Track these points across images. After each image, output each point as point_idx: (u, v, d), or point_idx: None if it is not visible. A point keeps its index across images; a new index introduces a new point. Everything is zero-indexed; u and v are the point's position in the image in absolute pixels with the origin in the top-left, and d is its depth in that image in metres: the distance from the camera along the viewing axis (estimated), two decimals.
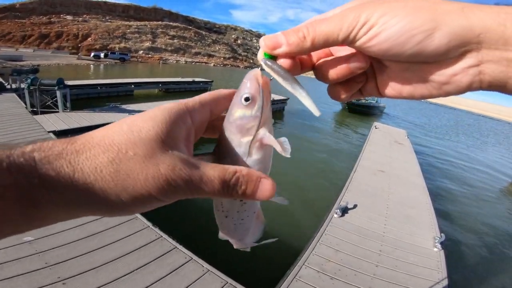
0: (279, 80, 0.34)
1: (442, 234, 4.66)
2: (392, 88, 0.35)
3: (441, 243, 4.43)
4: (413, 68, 0.32)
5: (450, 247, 5.77)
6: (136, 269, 3.02)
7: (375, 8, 0.30)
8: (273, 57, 0.34)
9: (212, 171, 0.31)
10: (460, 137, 27.55)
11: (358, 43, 0.31)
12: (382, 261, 4.00)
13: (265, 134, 0.35)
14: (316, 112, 0.34)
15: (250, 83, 0.36)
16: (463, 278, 5.45)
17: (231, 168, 0.33)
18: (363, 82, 0.37)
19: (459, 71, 0.29)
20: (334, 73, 0.35)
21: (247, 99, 0.35)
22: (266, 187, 0.34)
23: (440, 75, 0.31)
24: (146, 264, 3.10)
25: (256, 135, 0.35)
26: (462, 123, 47.18)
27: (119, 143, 0.28)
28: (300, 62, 0.37)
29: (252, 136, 0.35)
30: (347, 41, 0.31)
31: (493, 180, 13.26)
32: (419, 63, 0.31)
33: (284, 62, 0.34)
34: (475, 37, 0.27)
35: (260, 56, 0.35)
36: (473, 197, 10.29)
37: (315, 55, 0.38)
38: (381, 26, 0.29)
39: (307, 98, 0.34)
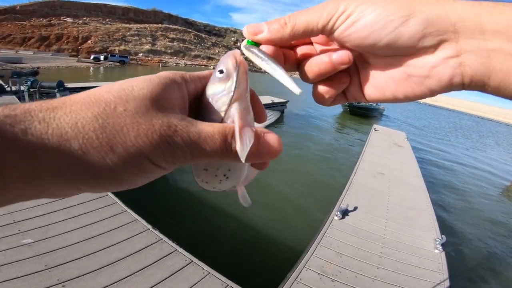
0: (257, 61, 0.34)
1: (443, 235, 4.65)
2: (375, 88, 0.35)
3: (442, 245, 4.42)
4: (393, 63, 0.32)
5: (451, 249, 5.76)
6: (136, 272, 3.00)
7: None
8: (255, 45, 0.35)
9: (211, 128, 0.29)
10: (459, 139, 27.59)
11: (336, 33, 0.31)
12: (383, 263, 3.99)
13: (236, 112, 0.33)
14: (295, 90, 0.33)
15: (226, 59, 0.35)
16: (464, 279, 5.43)
17: (229, 124, 0.30)
18: (347, 83, 0.36)
19: (439, 62, 0.29)
20: (317, 68, 0.35)
21: (221, 71, 0.34)
22: (272, 141, 0.31)
23: (420, 68, 0.30)
24: (146, 267, 3.09)
25: (228, 111, 0.33)
26: (461, 125, 47.27)
27: (107, 99, 0.25)
28: (284, 57, 0.36)
29: (224, 112, 0.33)
30: (326, 29, 0.32)
31: (493, 181, 13.27)
32: (399, 56, 0.31)
33: (265, 48, 0.34)
34: (451, 25, 0.27)
35: (243, 44, 0.35)
36: (473, 198, 10.28)
37: (300, 52, 0.38)
38: (358, 14, 0.30)
39: (285, 76, 0.33)
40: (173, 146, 0.26)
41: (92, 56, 45.89)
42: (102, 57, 45.39)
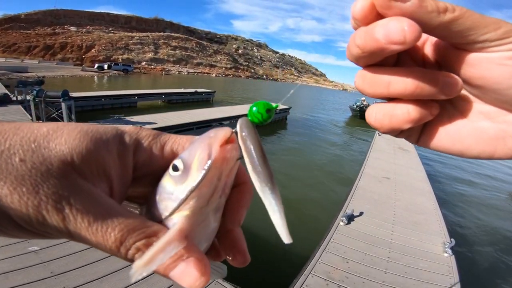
0: (249, 165, 0.24)
1: (451, 239, 4.58)
2: (449, 136, 0.28)
3: (451, 248, 4.36)
4: (497, 116, 0.26)
5: (461, 252, 5.68)
6: (141, 280, 2.97)
7: None
8: (259, 123, 0.25)
9: (117, 220, 0.21)
10: None
11: (487, 55, 0.24)
12: (391, 267, 3.94)
13: (179, 224, 0.24)
14: (286, 238, 0.23)
15: (196, 145, 0.24)
16: (476, 282, 5.34)
17: (154, 226, 0.23)
18: (433, 116, 0.27)
19: None
20: (414, 86, 0.25)
21: (175, 168, 0.24)
22: (190, 270, 0.22)
23: None
24: (150, 275, 3.04)
25: (169, 219, 0.24)
26: None
27: (15, 142, 0.20)
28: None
29: (163, 217, 0.25)
30: (479, 44, 0.24)
31: (501, 184, 13.11)
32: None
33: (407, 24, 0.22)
34: None
35: (241, 121, 0.25)
36: (482, 201, 10.17)
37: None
38: None
39: (279, 214, 0.23)
40: (46, 222, 0.20)
41: (96, 65, 46.44)
42: (106, 66, 45.95)
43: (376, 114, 0.28)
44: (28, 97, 10.25)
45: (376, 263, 4.00)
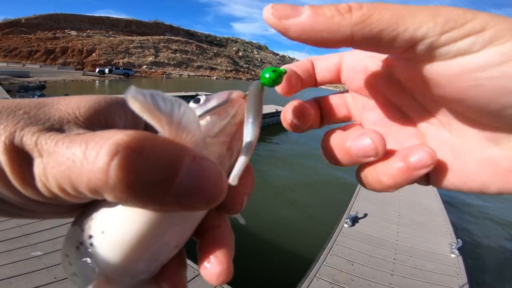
0: (246, 109, 0.24)
1: (458, 239, 4.55)
2: (457, 177, 0.23)
3: (459, 249, 4.33)
4: (504, 141, 0.21)
5: (468, 253, 5.62)
6: None
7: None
8: (270, 85, 0.27)
9: (107, 133, 0.17)
10: None
11: (449, 63, 0.18)
12: (397, 269, 3.90)
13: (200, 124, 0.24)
14: (231, 179, 0.22)
15: (218, 93, 0.27)
16: (484, 283, 5.29)
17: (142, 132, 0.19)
18: None
19: None
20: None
21: (197, 100, 0.26)
22: (209, 172, 0.18)
23: None
24: None
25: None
26: None
27: (24, 102, 0.19)
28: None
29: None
30: (422, 45, 0.18)
31: None
32: None
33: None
34: None
35: (254, 83, 0.27)
36: (488, 200, 10.09)
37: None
38: None
39: (243, 161, 0.22)
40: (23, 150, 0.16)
41: (97, 69, 46.55)
42: (107, 70, 46.01)
43: (366, 177, 0.26)
44: None
45: (382, 265, 3.97)
